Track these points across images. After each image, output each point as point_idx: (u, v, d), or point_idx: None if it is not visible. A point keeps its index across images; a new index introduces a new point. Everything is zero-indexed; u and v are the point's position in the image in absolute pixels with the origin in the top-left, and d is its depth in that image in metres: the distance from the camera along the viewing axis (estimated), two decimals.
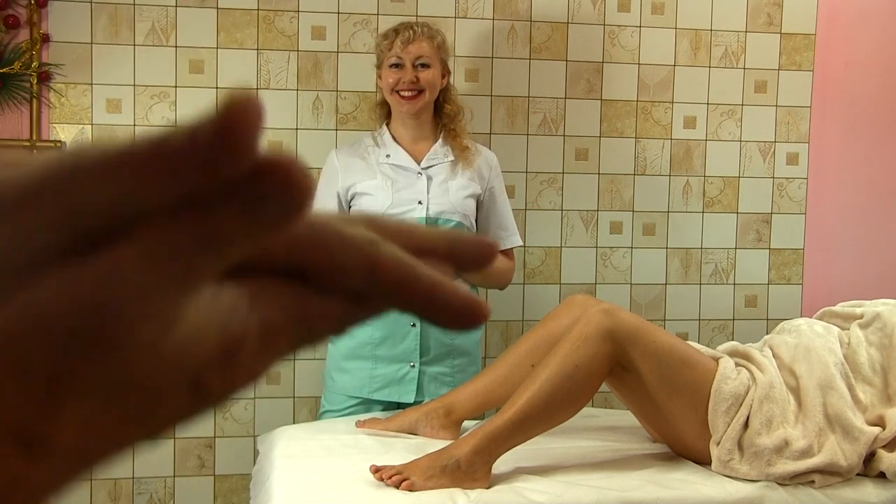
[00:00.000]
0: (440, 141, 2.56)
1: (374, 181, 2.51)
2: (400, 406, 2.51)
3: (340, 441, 2.16)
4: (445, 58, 2.56)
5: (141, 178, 0.24)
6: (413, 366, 2.48)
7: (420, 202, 2.49)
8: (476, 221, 2.58)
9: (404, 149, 2.55)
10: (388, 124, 2.60)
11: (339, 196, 2.54)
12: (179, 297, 0.25)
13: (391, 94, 2.49)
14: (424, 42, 2.48)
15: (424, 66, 2.48)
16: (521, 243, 2.67)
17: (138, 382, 0.26)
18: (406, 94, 2.47)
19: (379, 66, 2.54)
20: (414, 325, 2.48)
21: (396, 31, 2.50)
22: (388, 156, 2.54)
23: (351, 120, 2.99)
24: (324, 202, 2.55)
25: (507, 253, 2.65)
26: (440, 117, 2.59)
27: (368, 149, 2.58)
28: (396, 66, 2.47)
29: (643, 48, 3.14)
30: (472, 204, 2.54)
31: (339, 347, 2.54)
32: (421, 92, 2.48)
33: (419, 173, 2.52)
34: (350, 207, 2.55)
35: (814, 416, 2.01)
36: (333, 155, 2.60)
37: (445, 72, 2.56)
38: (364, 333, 2.49)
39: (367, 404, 2.52)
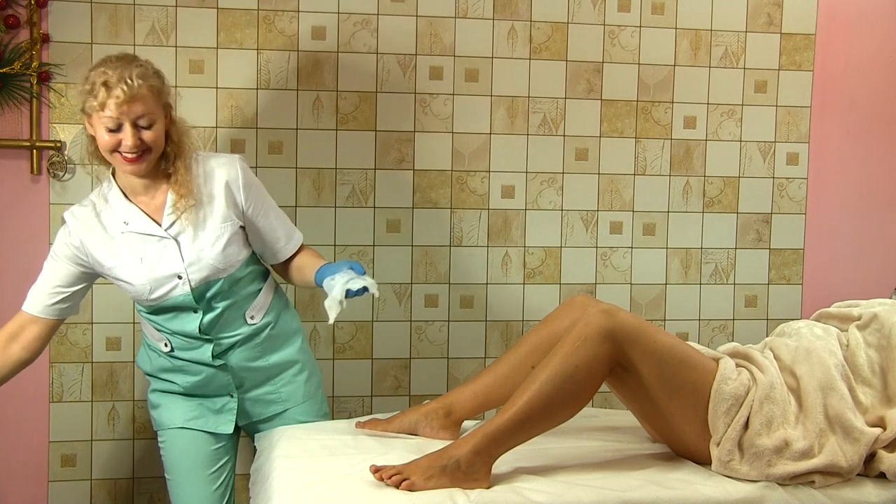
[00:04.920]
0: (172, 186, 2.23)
1: (120, 261, 2.22)
2: (217, 435, 2.38)
3: (340, 441, 2.16)
4: (167, 99, 2.20)
5: None
6: (232, 396, 2.36)
7: (180, 276, 2.22)
8: (252, 240, 2.34)
9: (140, 207, 2.23)
10: (112, 173, 2.27)
11: (77, 268, 2.25)
12: None
13: (111, 154, 2.15)
14: (143, 94, 2.11)
15: (148, 126, 2.14)
16: (301, 237, 2.41)
17: None
18: (130, 155, 2.14)
19: (87, 115, 2.15)
20: (222, 366, 2.31)
21: (107, 84, 2.09)
22: (126, 223, 2.22)
23: (351, 120, 2.99)
24: (53, 273, 2.26)
25: (302, 251, 2.41)
26: (163, 157, 2.22)
27: (102, 215, 2.24)
28: (113, 129, 2.11)
29: (643, 48, 3.14)
30: (233, 249, 2.26)
31: (153, 388, 2.40)
32: (146, 151, 2.15)
33: (165, 238, 2.22)
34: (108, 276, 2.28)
35: (814, 417, 2.01)
36: (70, 231, 2.25)
37: (168, 112, 2.21)
38: (177, 385, 2.35)
39: (189, 430, 2.36)
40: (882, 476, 2.01)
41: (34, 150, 2.82)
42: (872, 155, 3.30)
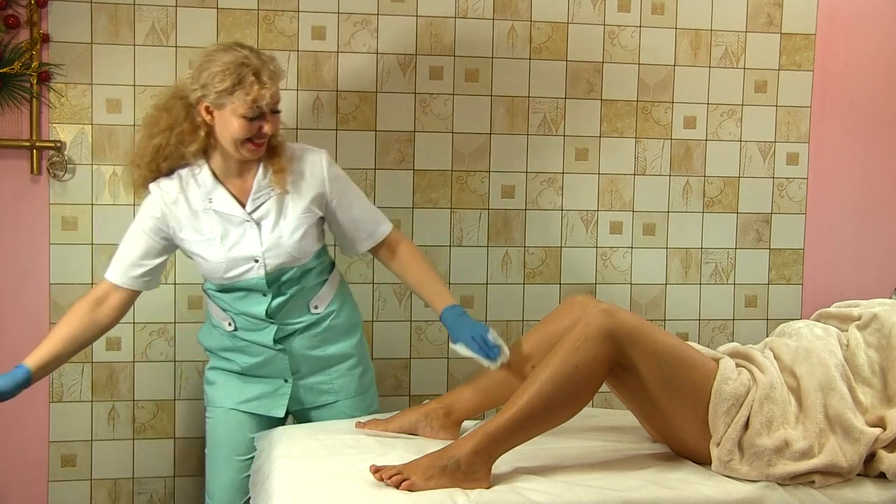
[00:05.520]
0: (261, 170, 2.28)
1: (200, 238, 2.27)
2: (270, 420, 2.41)
3: (340, 441, 2.16)
4: None
5: None
6: (287, 381, 2.39)
7: (256, 260, 2.27)
8: (334, 232, 2.41)
9: (227, 188, 2.28)
10: (205, 154, 2.29)
11: (159, 242, 2.31)
12: None
13: (240, 144, 2.20)
14: (279, 81, 2.21)
15: (279, 111, 2.23)
16: (390, 226, 2.43)
17: None
18: (261, 141, 2.22)
19: (212, 103, 2.19)
20: (282, 350, 2.36)
21: (257, 75, 2.16)
22: (210, 200, 2.27)
23: (351, 120, 2.99)
24: (134, 243, 2.31)
25: (392, 240, 2.42)
26: None
27: (188, 190, 2.28)
28: (254, 117, 2.18)
29: (643, 48, 3.14)
30: (309, 241, 2.31)
31: (211, 365, 2.45)
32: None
33: (247, 221, 2.27)
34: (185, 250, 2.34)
35: (814, 416, 2.01)
36: (155, 201, 2.29)
37: None
38: (236, 364, 2.39)
39: (237, 413, 2.40)
40: (882, 476, 2.01)
41: (34, 150, 2.82)
42: (872, 155, 3.30)
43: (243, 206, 2.28)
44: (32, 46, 2.78)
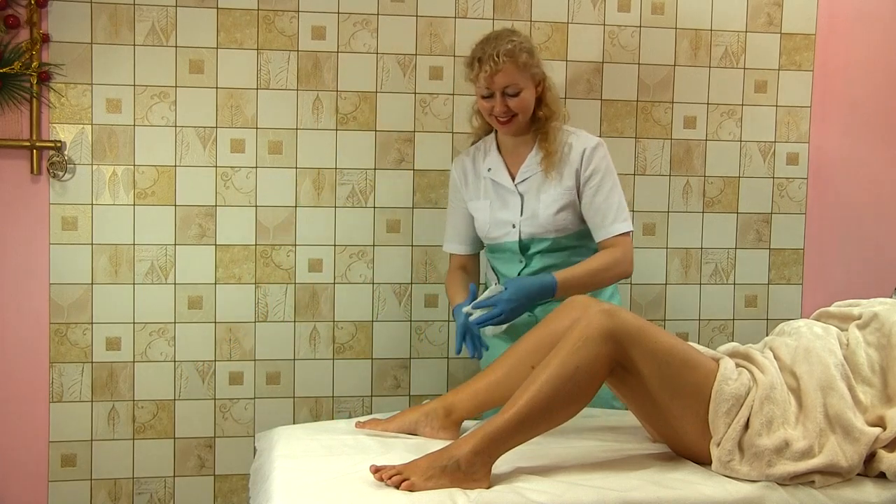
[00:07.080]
0: (535, 149, 2.56)
1: (478, 201, 2.61)
2: None
3: (340, 441, 2.16)
4: (536, 70, 2.49)
5: None
6: None
7: (514, 226, 2.55)
8: (583, 214, 2.56)
9: (504, 160, 2.59)
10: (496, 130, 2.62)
11: (462, 206, 2.66)
12: None
13: (489, 117, 2.52)
14: (509, 68, 2.43)
15: (514, 94, 2.45)
16: (624, 230, 2.51)
17: None
18: (501, 119, 2.49)
19: (469, 81, 2.53)
20: (530, 315, 2.55)
21: (479, 60, 2.44)
22: (489, 169, 2.60)
23: (351, 120, 2.99)
24: (453, 215, 2.70)
25: (612, 242, 2.52)
26: (535, 121, 2.55)
27: (477, 158, 2.64)
28: (486, 96, 2.47)
29: (643, 48, 3.14)
30: (565, 216, 2.53)
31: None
32: (514, 116, 2.48)
33: (513, 191, 2.56)
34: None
35: (814, 416, 2.01)
36: (453, 167, 2.70)
37: (540, 80, 2.51)
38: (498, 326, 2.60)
39: None
40: (882, 476, 2.01)
41: (34, 150, 2.82)
42: (872, 155, 3.30)
43: (513, 178, 2.57)
44: (32, 46, 2.78)
